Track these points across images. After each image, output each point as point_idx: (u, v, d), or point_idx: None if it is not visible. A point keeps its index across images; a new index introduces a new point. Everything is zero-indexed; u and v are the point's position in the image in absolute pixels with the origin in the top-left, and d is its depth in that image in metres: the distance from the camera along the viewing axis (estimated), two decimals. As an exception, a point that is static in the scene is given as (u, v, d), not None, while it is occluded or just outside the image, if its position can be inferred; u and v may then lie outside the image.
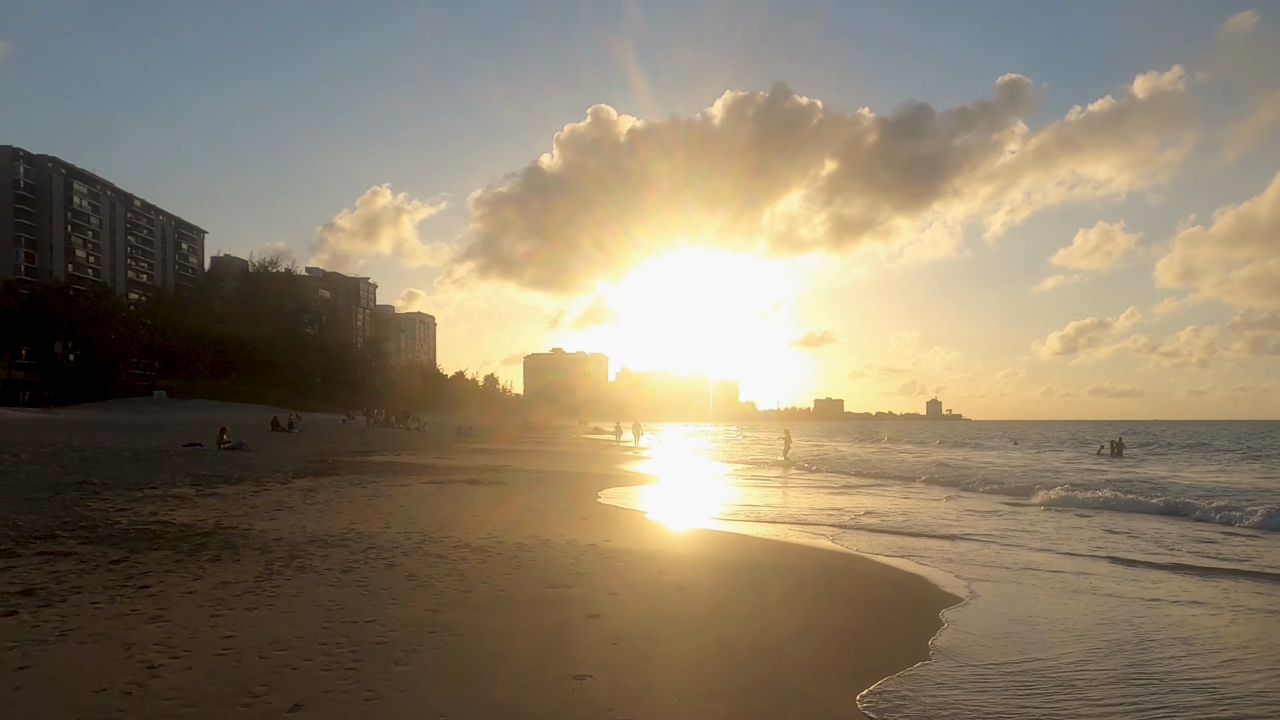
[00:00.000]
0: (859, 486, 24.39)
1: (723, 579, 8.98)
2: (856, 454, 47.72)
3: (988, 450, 56.37)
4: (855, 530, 14.25)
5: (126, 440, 28.35)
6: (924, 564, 10.68)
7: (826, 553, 11.51)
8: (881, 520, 15.85)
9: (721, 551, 11.00)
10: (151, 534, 10.13)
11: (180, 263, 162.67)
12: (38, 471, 17.01)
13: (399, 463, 26.64)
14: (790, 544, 12.23)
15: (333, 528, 11.45)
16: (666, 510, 17.19)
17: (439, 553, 9.60)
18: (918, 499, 20.49)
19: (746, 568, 9.72)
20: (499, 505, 15.66)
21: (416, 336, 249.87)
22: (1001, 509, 18.46)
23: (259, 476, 19.08)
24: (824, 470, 32.29)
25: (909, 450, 55.32)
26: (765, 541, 12.43)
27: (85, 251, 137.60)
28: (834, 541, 12.62)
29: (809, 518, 16.08)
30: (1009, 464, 37.58)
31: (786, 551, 11.44)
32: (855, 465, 35.20)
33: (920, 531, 14.22)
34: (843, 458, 42.60)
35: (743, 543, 12.20)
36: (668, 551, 10.52)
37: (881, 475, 29.19)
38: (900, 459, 41.78)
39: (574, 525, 13.00)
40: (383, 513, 13.55)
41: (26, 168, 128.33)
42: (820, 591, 8.67)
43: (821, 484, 25.44)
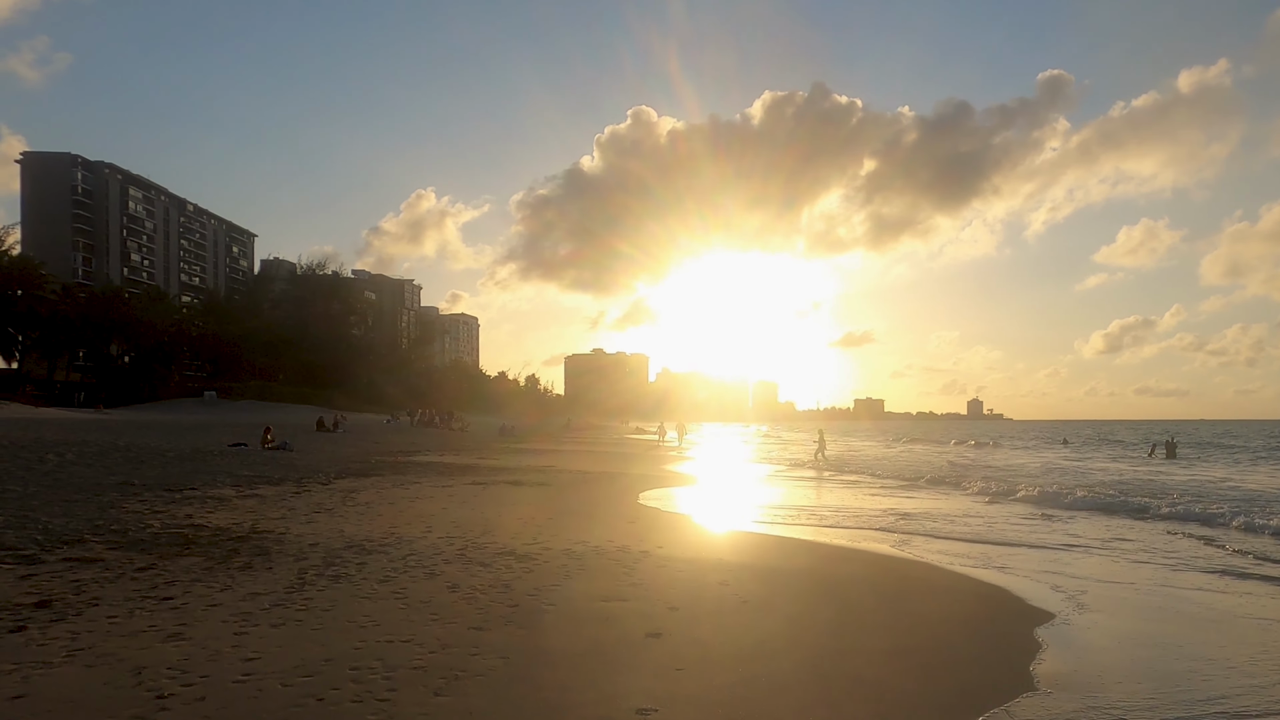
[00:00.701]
0: (907, 490, 23.39)
1: (789, 591, 8.17)
2: (902, 456, 46.44)
3: (1036, 450, 54.71)
4: (915, 535, 13.33)
5: (173, 440, 28.16)
6: (1000, 572, 9.78)
7: (892, 560, 10.63)
8: (940, 525, 14.91)
9: (781, 559, 10.17)
10: (184, 538, 9.57)
11: (231, 266, 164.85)
12: (80, 472, 16.66)
13: (442, 463, 26.12)
14: (852, 550, 11.37)
15: (372, 532, 10.83)
16: (714, 513, 16.42)
17: (482, 560, 8.91)
18: (973, 502, 19.44)
19: (812, 578, 8.89)
20: (543, 507, 14.98)
21: (460, 337, 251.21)
22: (1074, 515, 17.39)
23: (300, 477, 18.61)
24: (867, 473, 31.18)
25: (954, 451, 53.90)
26: (825, 548, 11.59)
27: (140, 255, 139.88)
28: (897, 548, 11.74)
29: (863, 521, 15.19)
30: (1064, 466, 36.19)
31: (850, 559, 10.58)
32: (902, 468, 34.06)
33: (985, 538, 13.27)
34: (887, 460, 41.42)
35: (802, 549, 11.36)
36: (725, 559, 9.74)
37: (931, 479, 28.10)
38: (946, 460, 40.56)
39: (622, 529, 12.27)
40: (424, 516, 12.92)
41: (84, 174, 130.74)
42: (897, 606, 7.83)
43: (866, 486, 24.48)
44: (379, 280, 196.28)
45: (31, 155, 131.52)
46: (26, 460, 17.36)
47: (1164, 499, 19.17)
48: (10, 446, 19.32)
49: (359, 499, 15.03)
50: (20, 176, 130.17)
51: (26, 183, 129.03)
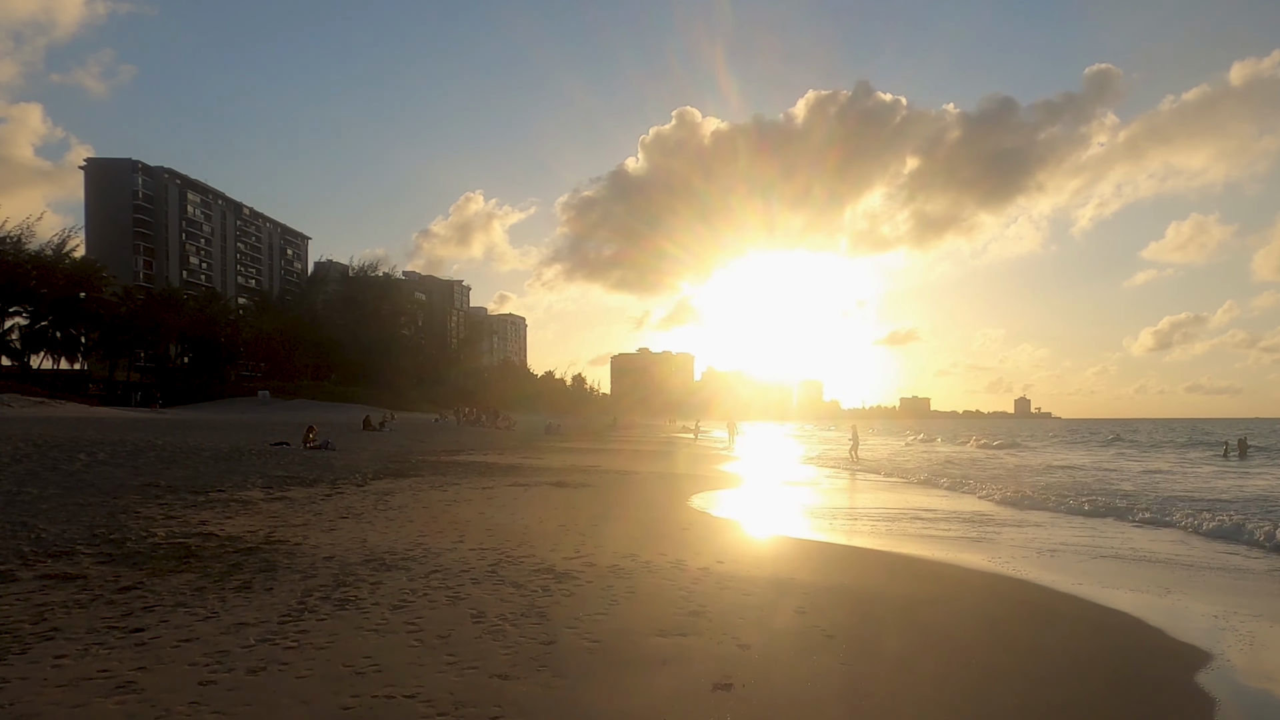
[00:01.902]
0: (959, 493, 21.73)
1: (880, 622, 6.74)
2: (965, 457, 44.45)
3: (1093, 450, 52.17)
4: (996, 544, 11.80)
5: (216, 439, 27.41)
6: (1118, 593, 8.25)
7: (987, 579, 9.11)
8: (1017, 532, 13.33)
9: (860, 577, 8.71)
10: (186, 550, 8.42)
11: (286, 268, 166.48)
12: (107, 472, 15.75)
13: (484, 463, 24.99)
14: (937, 566, 9.86)
15: (397, 542, 9.61)
16: (772, 518, 15.01)
17: (516, 579, 7.61)
18: (1051, 513, 17.73)
19: (906, 605, 7.43)
20: (587, 512, 13.68)
21: (508, 337, 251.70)
22: (1171, 528, 15.64)
23: (335, 478, 17.54)
24: (916, 475, 29.44)
25: (1007, 451, 51.57)
26: (905, 562, 10.11)
27: (198, 258, 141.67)
28: (987, 560, 10.23)
29: (931, 527, 13.67)
30: (1133, 469, 34.07)
31: (939, 578, 9.07)
32: (964, 471, 32.24)
33: (1078, 547, 11.69)
34: (950, 462, 39.51)
35: (879, 564, 9.91)
36: (796, 578, 8.30)
37: (992, 482, 26.31)
38: (1002, 460, 38.55)
39: (675, 539, 10.92)
40: (458, 522, 11.69)
41: (144, 179, 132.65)
42: (1012, 642, 6.37)
43: (917, 488, 22.82)
44: (429, 281, 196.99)
45: (95, 161, 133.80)
46: (55, 460, 16.50)
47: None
48: (45, 445, 18.53)
49: (392, 502, 13.87)
50: (84, 182, 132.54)
51: (90, 188, 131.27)
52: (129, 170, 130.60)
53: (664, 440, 57.33)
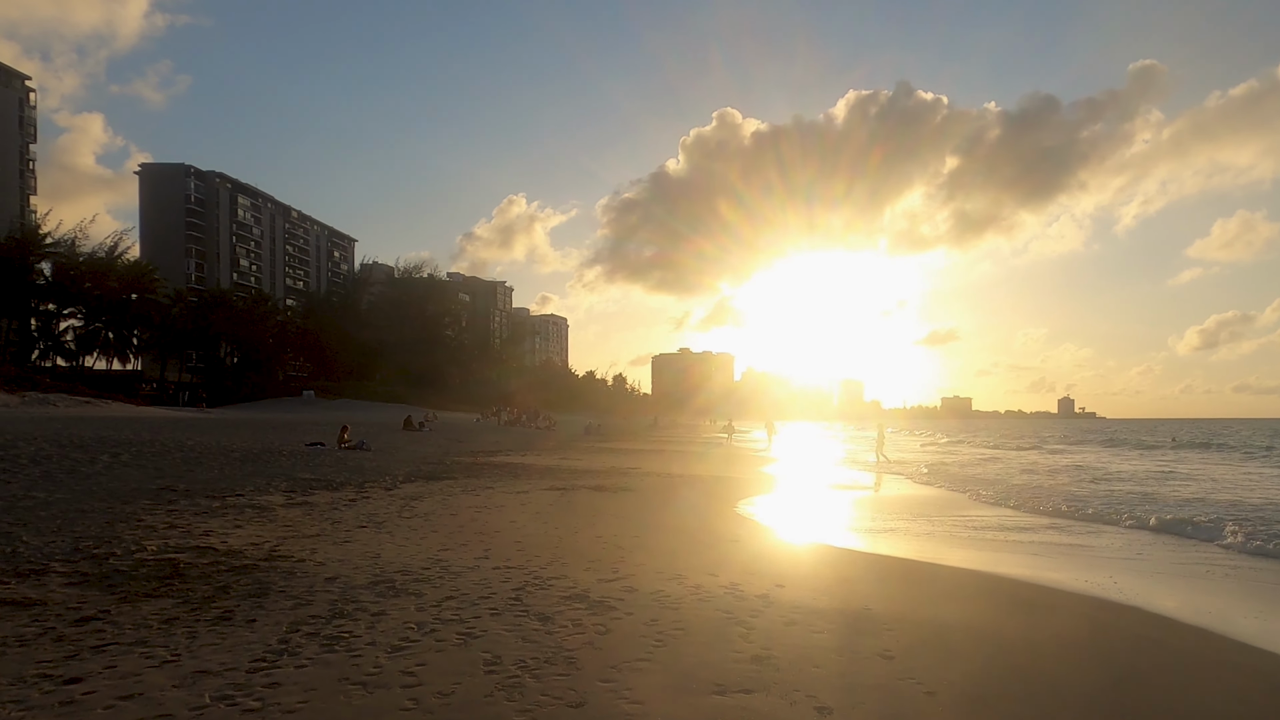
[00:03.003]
0: (1029, 500, 20.13)
1: (991, 673, 5.36)
2: (1014, 460, 42.47)
3: (1148, 453, 49.64)
4: (1083, 561, 10.37)
5: (251, 439, 26.65)
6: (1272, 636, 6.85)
7: (1108, 608, 7.63)
8: (1095, 547, 11.86)
9: (949, 607, 7.33)
10: (172, 569, 7.34)
11: (333, 270, 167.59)
12: (127, 474, 14.87)
13: (522, 464, 23.88)
14: (1044, 592, 8.44)
15: (414, 557, 8.46)
16: (825, 528, 13.65)
17: (543, 609, 6.40)
18: (1109, 525, 16.12)
19: (1015, 647, 6.03)
20: (627, 521, 12.46)
21: (550, 338, 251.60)
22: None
23: (364, 481, 16.53)
24: (974, 481, 27.74)
25: (1060, 451, 49.27)
26: (998, 584, 8.69)
27: (248, 261, 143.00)
28: (1085, 582, 8.81)
29: (1009, 539, 12.24)
30: (1193, 472, 31.98)
31: (1053, 608, 7.54)
32: (1010, 474, 30.47)
33: (1174, 564, 10.22)
34: (997, 464, 37.64)
35: (963, 587, 8.52)
36: (872, 607, 6.97)
37: (1047, 488, 24.57)
38: (1053, 463, 36.54)
39: (725, 555, 9.65)
40: (486, 532, 10.53)
41: (196, 183, 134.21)
42: (1169, 703, 5.02)
43: (971, 493, 21.23)
44: (472, 283, 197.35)
45: (149, 167, 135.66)
46: (75, 462, 15.68)
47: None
48: (71, 446, 17.77)
49: (419, 508, 12.77)
50: (138, 187, 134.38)
51: (144, 193, 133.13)
52: (182, 175, 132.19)
53: (704, 441, 55.92)
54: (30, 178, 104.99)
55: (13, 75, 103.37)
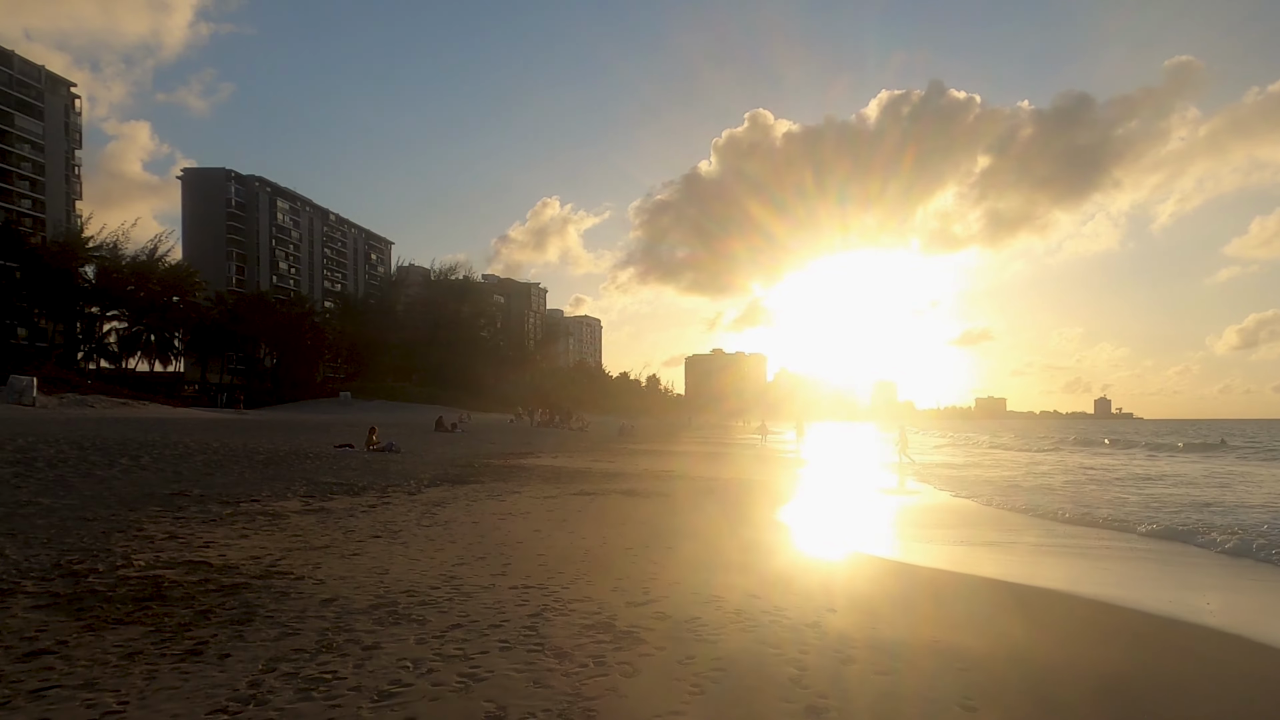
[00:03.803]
0: (1082, 508, 18.90)
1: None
2: (1054, 462, 40.92)
3: (1206, 456, 47.67)
4: (1170, 580, 9.30)
5: (280, 440, 26.14)
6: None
7: (1257, 651, 6.66)
8: (1170, 561, 10.75)
9: (1036, 638, 6.25)
10: (155, 588, 6.58)
11: (370, 272, 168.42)
12: (142, 478, 14.27)
13: (552, 467, 23.08)
14: (1134, 615, 7.44)
15: (426, 573, 7.65)
16: (872, 537, 12.66)
17: (561, 641, 5.53)
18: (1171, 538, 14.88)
19: (1135, 693, 5.07)
20: (660, 530, 11.58)
21: (583, 339, 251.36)
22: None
23: (388, 485, 15.80)
24: (1012, 484, 26.42)
25: (1097, 453, 47.49)
26: (1076, 607, 7.70)
27: (287, 264, 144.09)
28: (1189, 610, 7.77)
29: (1072, 551, 11.18)
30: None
31: (1153, 641, 6.57)
32: (1053, 477, 29.09)
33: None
34: (1032, 467, 36.16)
35: (1047, 610, 7.49)
36: (943, 640, 5.93)
37: (1094, 496, 23.25)
38: (1100, 466, 35.01)
39: (767, 571, 8.74)
40: (507, 544, 9.70)
41: (237, 187, 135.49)
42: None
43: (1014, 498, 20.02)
44: (507, 284, 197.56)
45: (191, 171, 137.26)
46: (92, 465, 15.11)
47: None
48: (91, 448, 17.25)
49: (439, 516, 11.98)
50: (181, 192, 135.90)
51: (187, 197, 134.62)
52: (223, 179, 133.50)
53: (738, 442, 54.87)
54: (76, 183, 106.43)
55: (59, 83, 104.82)
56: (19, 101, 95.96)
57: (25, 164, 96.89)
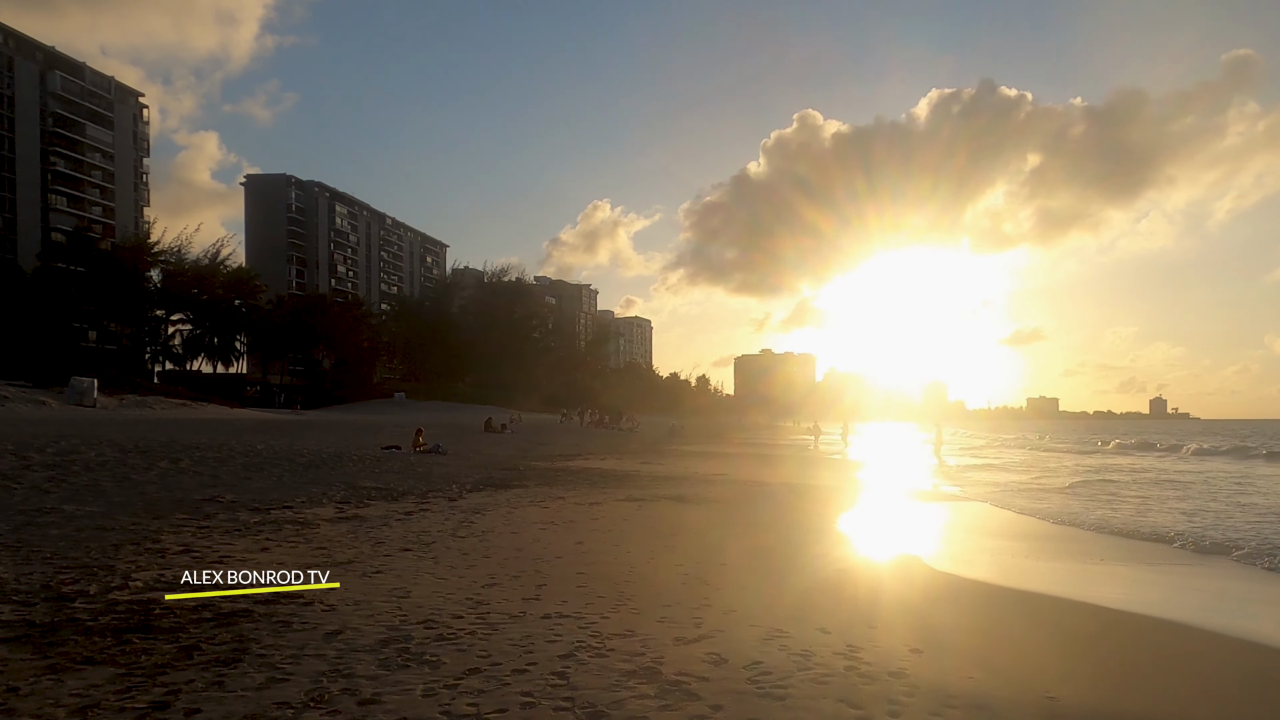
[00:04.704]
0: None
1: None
2: (1127, 464, 38.82)
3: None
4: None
5: (328, 441, 25.70)
6: None
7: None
8: None
9: (1187, 695, 5.24)
10: (144, 616, 5.77)
11: (425, 275, 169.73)
12: (177, 482, 13.69)
13: (600, 469, 22.18)
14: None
15: (450, 597, 6.75)
16: (948, 551, 11.48)
17: (596, 693, 4.56)
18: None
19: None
20: (712, 543, 10.58)
21: (634, 340, 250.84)
22: None
23: (429, 490, 15.03)
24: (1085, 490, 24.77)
25: (1175, 455, 44.84)
26: (1226, 649, 6.55)
27: (345, 267, 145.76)
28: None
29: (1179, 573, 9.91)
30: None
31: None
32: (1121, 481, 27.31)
33: None
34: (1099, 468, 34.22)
35: (1194, 653, 6.37)
36: (1066, 700, 4.85)
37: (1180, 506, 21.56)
38: (1184, 469, 32.91)
39: (835, 596, 7.69)
40: (545, 558, 8.79)
41: (297, 192, 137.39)
42: None
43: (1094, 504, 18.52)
44: (558, 286, 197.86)
45: (253, 177, 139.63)
46: (129, 469, 14.58)
47: None
48: (134, 451, 16.78)
49: (477, 525, 11.13)
50: (244, 197, 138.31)
51: (249, 202, 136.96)
52: (284, 185, 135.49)
53: (789, 443, 53.49)
54: (144, 190, 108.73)
55: (128, 93, 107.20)
56: (90, 112, 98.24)
57: (96, 172, 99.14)
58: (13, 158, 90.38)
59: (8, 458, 14.32)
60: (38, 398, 34.53)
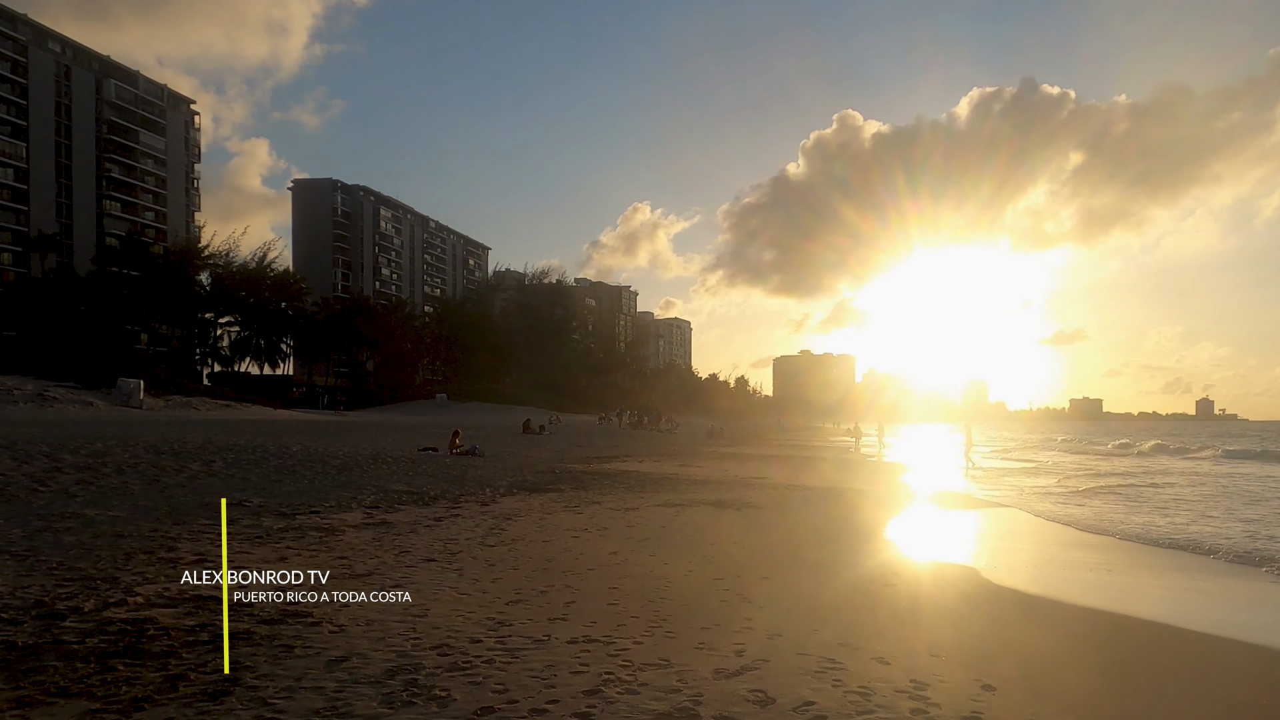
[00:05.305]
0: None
1: None
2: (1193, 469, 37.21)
3: None
4: None
5: (365, 443, 25.41)
6: None
7: None
8: None
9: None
10: (136, 636, 5.27)
11: (468, 277, 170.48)
12: (204, 486, 13.38)
13: (638, 472, 21.57)
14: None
15: (468, 619, 6.17)
16: (1002, 562, 10.65)
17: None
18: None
19: None
20: (753, 553, 9.90)
21: (673, 341, 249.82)
22: None
23: (461, 494, 14.54)
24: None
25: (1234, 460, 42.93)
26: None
27: (389, 269, 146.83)
28: None
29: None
30: None
31: None
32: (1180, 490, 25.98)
33: None
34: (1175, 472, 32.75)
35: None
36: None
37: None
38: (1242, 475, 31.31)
39: (890, 616, 6.98)
40: (576, 570, 8.20)
41: (343, 196, 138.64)
42: None
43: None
44: (598, 287, 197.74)
45: (300, 182, 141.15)
46: (160, 471, 14.30)
47: None
48: (168, 453, 16.54)
49: (507, 532, 10.57)
50: (290, 202, 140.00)
51: (296, 206, 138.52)
52: (330, 189, 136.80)
53: (828, 445, 52.43)
54: (195, 195, 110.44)
55: (180, 100, 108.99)
56: (143, 119, 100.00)
57: (149, 178, 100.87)
58: (70, 165, 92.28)
59: (41, 460, 14.11)
60: (85, 399, 34.85)
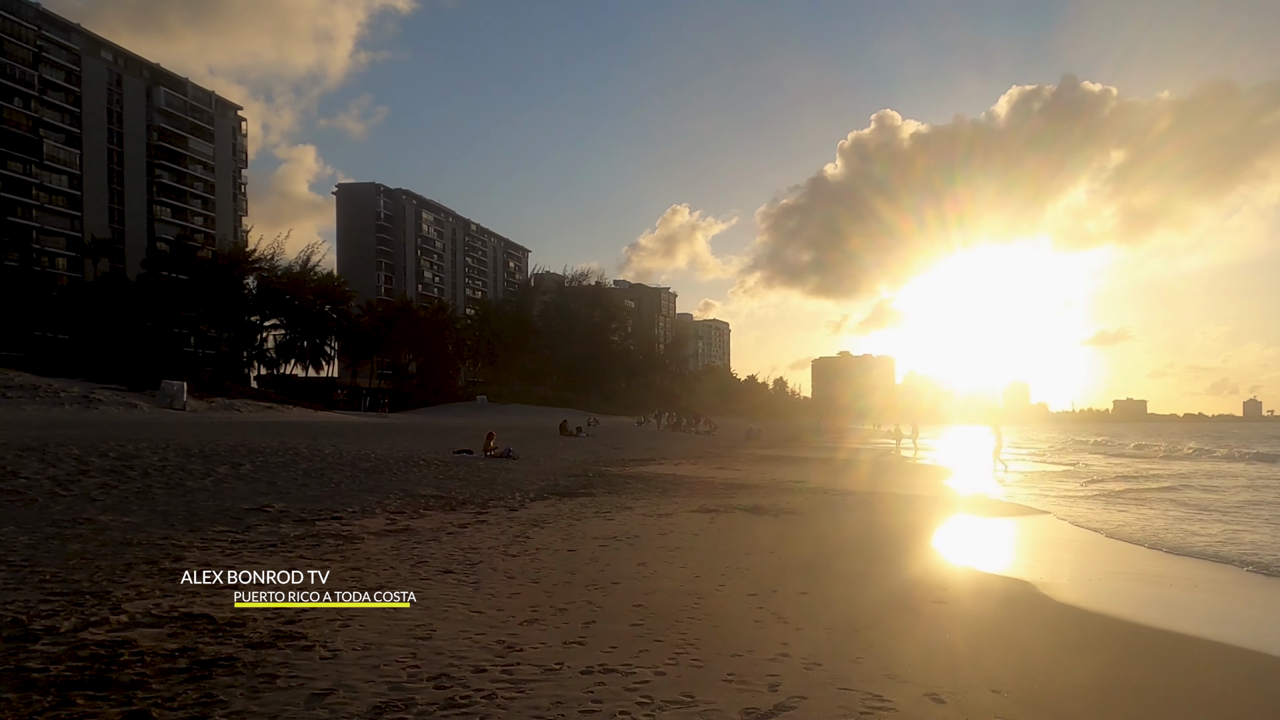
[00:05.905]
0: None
1: None
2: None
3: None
4: None
5: (400, 445, 25.08)
6: None
7: None
8: None
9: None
10: (107, 665, 4.76)
11: (509, 280, 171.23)
12: (232, 489, 13.05)
13: (673, 476, 20.93)
14: None
15: (476, 642, 5.59)
16: (1059, 572, 9.82)
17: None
18: None
19: None
20: (793, 565, 9.22)
21: (712, 343, 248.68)
22: None
23: (490, 498, 14.04)
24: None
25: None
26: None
27: (431, 272, 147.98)
28: None
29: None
30: None
31: None
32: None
33: None
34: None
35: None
36: None
37: None
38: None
39: (942, 641, 6.28)
40: (600, 584, 7.60)
41: (386, 200, 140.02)
42: None
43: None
44: (637, 289, 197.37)
45: (344, 187, 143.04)
46: (188, 474, 14.01)
47: None
48: (198, 455, 16.25)
49: (533, 541, 10.02)
50: (335, 206, 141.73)
51: (341, 211, 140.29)
52: (373, 193, 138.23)
53: (867, 447, 51.25)
54: (242, 200, 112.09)
55: (227, 107, 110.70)
56: (192, 125, 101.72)
57: (197, 183, 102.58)
58: (121, 171, 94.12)
59: (69, 462, 13.86)
60: (130, 400, 35.13)
